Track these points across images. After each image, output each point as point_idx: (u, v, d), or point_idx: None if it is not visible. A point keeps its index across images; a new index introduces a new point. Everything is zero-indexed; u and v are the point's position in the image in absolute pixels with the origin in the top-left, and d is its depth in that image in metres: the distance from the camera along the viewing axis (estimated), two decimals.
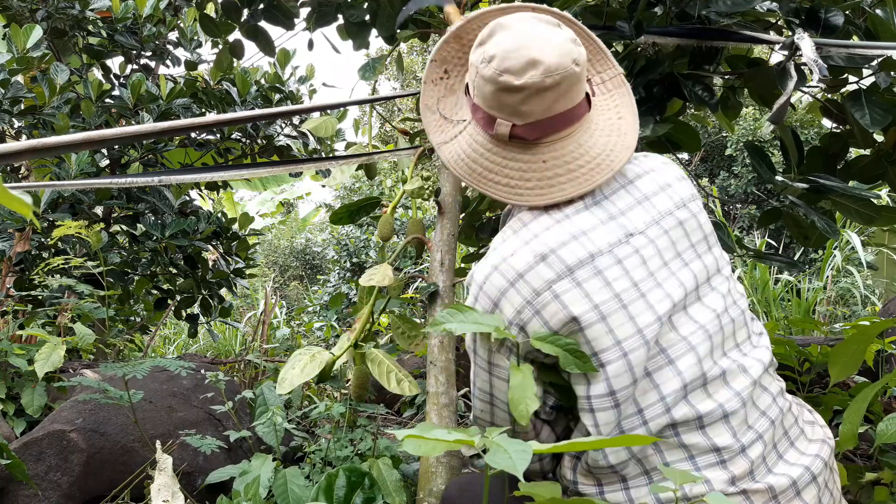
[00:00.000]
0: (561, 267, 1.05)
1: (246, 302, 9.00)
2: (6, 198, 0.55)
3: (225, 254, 4.05)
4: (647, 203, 1.14)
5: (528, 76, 1.07)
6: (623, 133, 1.17)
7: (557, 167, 1.13)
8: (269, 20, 2.86)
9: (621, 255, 1.08)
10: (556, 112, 1.11)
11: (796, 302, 5.34)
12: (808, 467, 1.07)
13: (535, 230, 1.10)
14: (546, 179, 1.13)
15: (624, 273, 1.06)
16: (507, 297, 1.07)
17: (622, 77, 1.24)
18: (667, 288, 1.08)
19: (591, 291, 1.04)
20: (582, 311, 1.03)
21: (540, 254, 1.06)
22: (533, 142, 1.13)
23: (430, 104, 1.28)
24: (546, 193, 1.13)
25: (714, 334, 1.09)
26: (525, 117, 1.11)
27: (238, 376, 3.67)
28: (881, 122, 1.65)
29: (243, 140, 4.23)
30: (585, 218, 1.11)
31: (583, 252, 1.06)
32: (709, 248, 1.16)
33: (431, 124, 1.27)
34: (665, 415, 1.04)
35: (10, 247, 3.27)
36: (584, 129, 1.15)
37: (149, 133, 1.62)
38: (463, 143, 1.21)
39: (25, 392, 2.46)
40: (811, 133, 8.59)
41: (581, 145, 1.14)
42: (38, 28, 3.38)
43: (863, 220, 1.92)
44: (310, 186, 9.95)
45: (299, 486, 1.63)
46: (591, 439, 0.88)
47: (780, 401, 1.13)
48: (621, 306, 1.04)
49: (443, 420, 1.64)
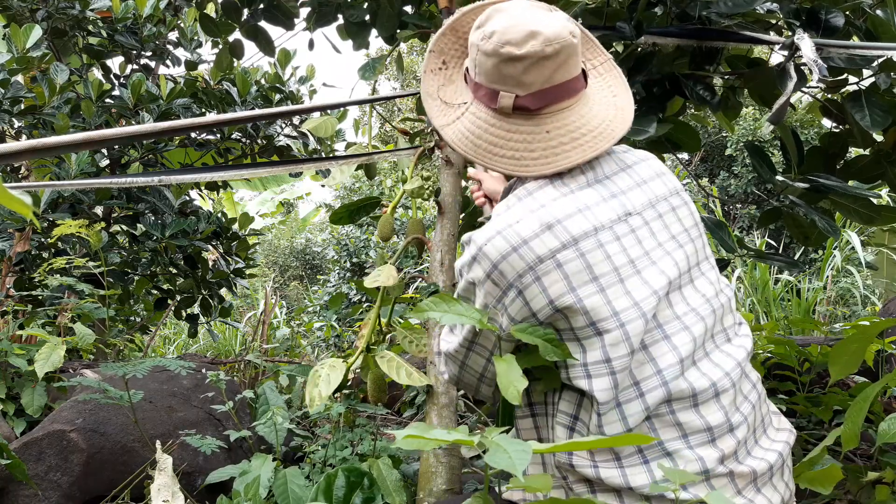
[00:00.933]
0: (567, 237, 1.08)
1: (246, 302, 9.00)
2: (6, 198, 0.55)
3: (225, 254, 4.05)
4: (645, 186, 1.19)
5: (528, 45, 1.12)
6: (620, 108, 1.23)
7: (561, 136, 1.16)
8: (269, 20, 2.86)
9: (619, 232, 1.12)
10: (556, 82, 1.15)
11: (796, 302, 5.34)
12: (780, 453, 1.14)
13: (542, 200, 1.13)
14: (551, 149, 1.16)
15: (622, 249, 1.11)
16: (509, 260, 1.09)
17: (612, 62, 1.30)
18: (661, 266, 1.13)
19: (593, 263, 1.08)
20: (583, 280, 1.07)
21: (546, 223, 1.10)
22: (536, 112, 1.17)
23: (431, 91, 1.32)
24: (552, 162, 1.16)
25: (706, 317, 1.14)
26: (527, 87, 1.15)
27: (238, 376, 3.67)
28: (881, 124, 1.65)
29: (243, 140, 4.23)
30: (589, 194, 1.15)
31: (587, 225, 1.10)
32: (699, 234, 1.22)
33: (434, 109, 1.30)
34: (662, 387, 1.07)
35: (10, 247, 3.27)
36: (584, 103, 1.20)
37: (149, 133, 1.62)
38: (466, 122, 1.24)
39: (25, 392, 2.46)
40: (811, 133, 8.59)
41: (582, 116, 1.18)
42: (37, 28, 3.38)
43: (862, 219, 1.92)
44: (310, 186, 9.95)
45: (299, 486, 1.63)
46: (591, 439, 0.88)
47: (758, 387, 1.19)
48: (619, 280, 1.09)
49: (443, 420, 1.64)
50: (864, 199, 1.88)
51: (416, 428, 0.86)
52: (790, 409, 2.35)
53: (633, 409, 1.06)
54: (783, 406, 2.30)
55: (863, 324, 2.10)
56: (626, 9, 1.92)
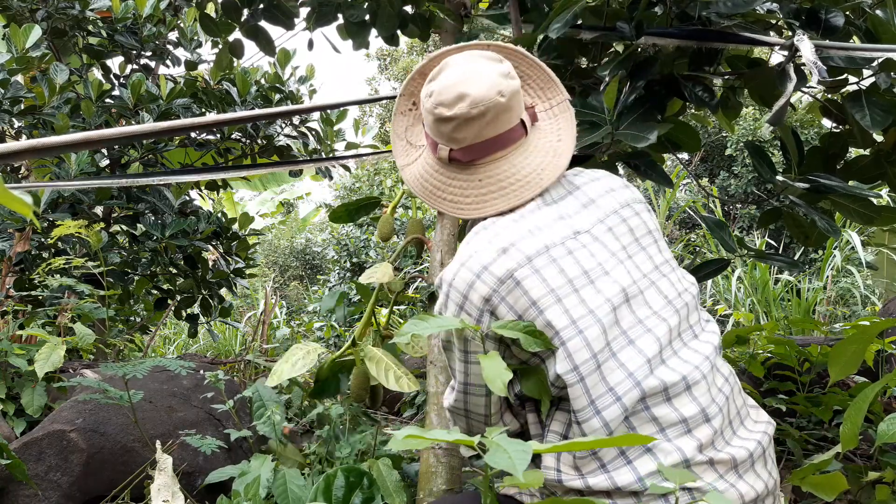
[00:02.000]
0: (520, 257, 1.17)
1: (246, 302, 9.01)
2: (6, 198, 0.55)
3: (225, 254, 4.05)
4: (592, 206, 1.28)
5: (457, 107, 1.24)
6: (559, 154, 1.32)
7: (491, 185, 1.29)
8: (269, 20, 2.85)
9: (571, 247, 1.21)
10: (485, 137, 1.27)
11: (796, 302, 5.34)
12: (759, 441, 1.18)
13: (496, 230, 1.24)
14: (481, 196, 1.30)
15: (575, 262, 1.19)
16: (475, 288, 1.17)
17: (567, 103, 1.39)
18: (614, 275, 1.20)
19: (547, 277, 1.16)
20: (540, 294, 1.15)
21: (501, 248, 1.19)
22: (469, 163, 1.30)
23: (399, 132, 1.46)
24: (481, 208, 1.30)
25: (669, 318, 1.21)
26: (459, 143, 1.28)
27: (238, 376, 3.67)
28: (881, 123, 1.65)
29: (243, 140, 4.23)
30: (539, 217, 1.25)
31: (539, 244, 1.19)
32: (654, 241, 1.30)
33: (398, 149, 1.45)
34: (636, 388, 1.12)
35: (10, 247, 3.27)
36: (521, 151, 1.31)
37: (149, 133, 1.62)
38: (419, 166, 1.39)
39: (25, 392, 2.46)
40: (811, 133, 8.59)
41: (514, 165, 1.29)
42: (37, 28, 3.38)
43: (862, 220, 1.92)
44: (310, 186, 9.95)
45: (298, 486, 1.63)
46: (588, 439, 0.89)
47: (731, 380, 1.24)
48: (573, 290, 1.16)
49: (443, 420, 1.64)
50: (864, 199, 1.87)
51: (416, 428, 0.86)
52: (790, 409, 2.35)
53: (612, 414, 1.11)
54: (783, 406, 2.30)
55: (863, 324, 2.10)
56: (626, 9, 1.92)
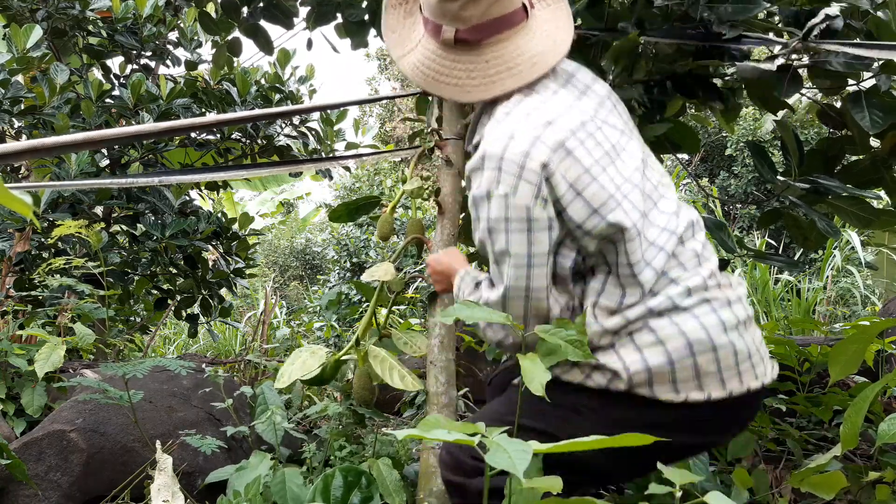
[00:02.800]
0: (566, 129, 1.22)
1: (246, 302, 9.00)
2: (6, 198, 0.55)
3: (225, 254, 4.05)
4: (589, 91, 1.34)
5: None
6: (558, 42, 1.34)
7: (498, 65, 1.29)
8: (268, 19, 2.85)
9: (598, 124, 1.28)
10: (492, 16, 1.28)
11: (796, 302, 5.34)
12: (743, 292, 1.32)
13: (528, 108, 1.26)
14: (489, 77, 1.30)
15: (605, 137, 1.27)
16: (531, 156, 1.19)
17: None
18: (629, 149, 1.30)
19: (590, 149, 1.23)
20: (590, 163, 1.21)
21: (546, 121, 1.22)
22: (475, 43, 1.30)
23: (392, 25, 1.44)
24: (489, 88, 1.30)
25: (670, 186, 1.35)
26: (465, 21, 1.28)
27: (238, 376, 3.67)
28: (881, 125, 1.65)
29: (243, 140, 4.23)
30: (562, 98, 1.29)
31: (576, 119, 1.25)
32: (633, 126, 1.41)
33: (392, 42, 1.44)
34: (672, 235, 1.26)
35: (10, 247, 3.27)
36: (523, 35, 1.31)
37: (149, 133, 1.62)
38: (418, 54, 1.38)
39: (25, 392, 2.46)
40: (811, 133, 8.59)
41: (519, 47, 1.30)
42: (38, 28, 3.38)
43: (860, 222, 1.92)
44: (310, 186, 9.95)
45: (298, 485, 1.63)
46: (591, 439, 0.89)
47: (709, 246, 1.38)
48: (611, 161, 1.25)
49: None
50: (862, 201, 1.88)
51: (416, 426, 0.86)
52: (790, 409, 2.34)
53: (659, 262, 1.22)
54: (783, 406, 2.29)
55: (863, 324, 2.10)
56: (627, 9, 1.92)
